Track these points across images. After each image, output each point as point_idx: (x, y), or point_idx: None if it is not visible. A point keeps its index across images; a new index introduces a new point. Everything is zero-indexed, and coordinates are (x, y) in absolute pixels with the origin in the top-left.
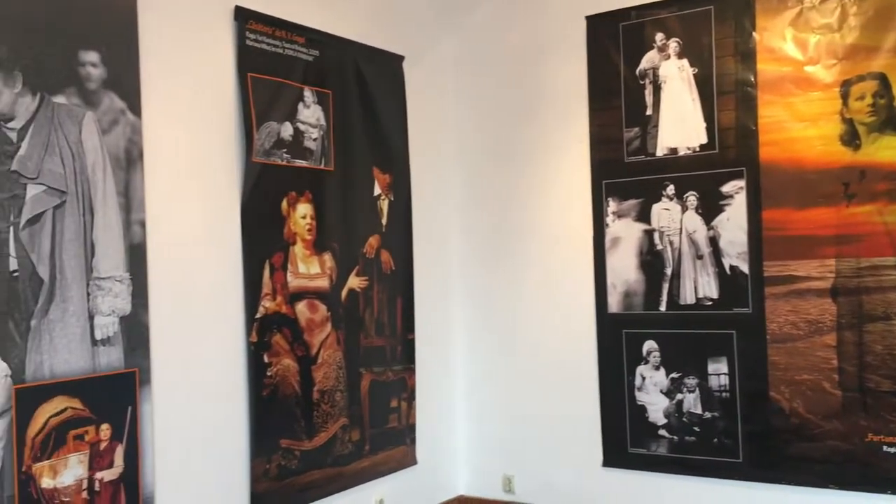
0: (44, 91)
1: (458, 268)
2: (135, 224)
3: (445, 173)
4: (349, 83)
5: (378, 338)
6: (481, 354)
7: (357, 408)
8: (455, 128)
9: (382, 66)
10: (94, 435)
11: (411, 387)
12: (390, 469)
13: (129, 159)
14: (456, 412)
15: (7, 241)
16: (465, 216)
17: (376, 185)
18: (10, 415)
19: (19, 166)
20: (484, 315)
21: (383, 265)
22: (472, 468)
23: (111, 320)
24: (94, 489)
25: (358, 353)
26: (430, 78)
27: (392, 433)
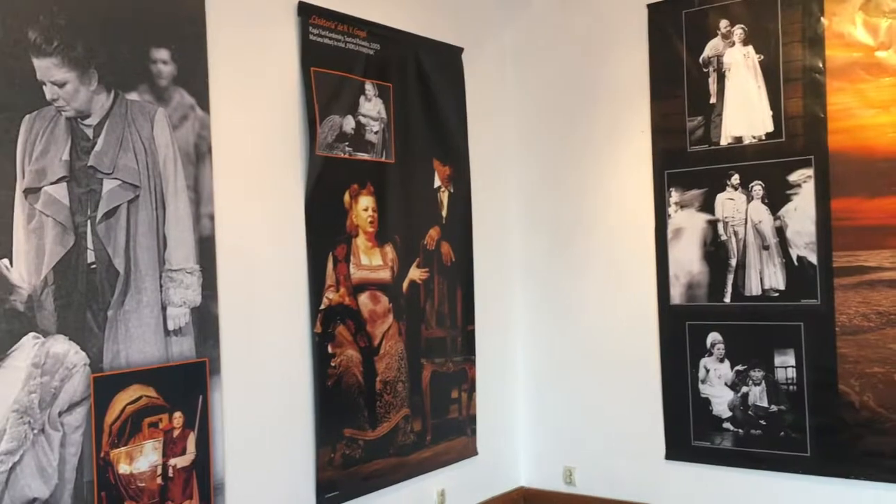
0: (118, 88)
1: (518, 259)
2: (204, 217)
3: (505, 165)
4: (409, 76)
5: (439, 329)
6: (542, 346)
7: (419, 398)
8: (514, 119)
9: (442, 58)
10: (168, 423)
11: (472, 378)
12: (451, 460)
13: (198, 154)
14: (516, 404)
15: (85, 235)
16: (525, 207)
17: (436, 177)
18: (88, 402)
19: (96, 161)
20: (544, 307)
21: (443, 257)
22: (532, 460)
23: (183, 311)
24: (168, 475)
25: (419, 344)
26: (490, 69)
27: (453, 424)
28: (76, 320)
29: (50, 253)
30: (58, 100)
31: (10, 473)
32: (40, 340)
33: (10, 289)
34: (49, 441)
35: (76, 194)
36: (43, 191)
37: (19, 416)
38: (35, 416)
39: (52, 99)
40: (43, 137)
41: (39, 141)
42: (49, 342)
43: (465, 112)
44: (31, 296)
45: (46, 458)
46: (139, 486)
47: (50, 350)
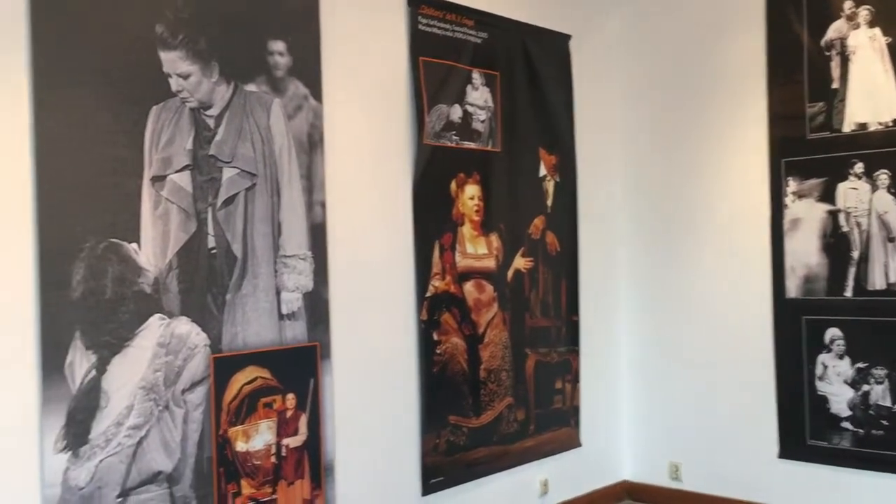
0: (237, 80)
1: (624, 249)
2: (316, 205)
3: (613, 154)
4: (516, 64)
5: (543, 319)
6: (648, 338)
7: (522, 388)
8: (623, 107)
9: (549, 46)
10: (281, 403)
11: (575, 369)
12: (554, 450)
13: (311, 143)
14: (621, 396)
15: (206, 221)
16: (633, 197)
17: (542, 166)
18: (208, 382)
19: (216, 151)
20: (651, 298)
21: (548, 246)
22: (637, 453)
23: (296, 296)
24: (282, 454)
25: (523, 333)
26: (598, 57)
27: (556, 414)
28: (198, 303)
29: (174, 238)
30: (182, 91)
31: (137, 447)
32: (165, 321)
33: (139, 272)
34: (173, 417)
35: (198, 182)
36: (168, 179)
37: (146, 392)
38: (160, 393)
39: (177, 90)
40: (168, 128)
41: (165, 131)
42: (173, 323)
43: (572, 100)
44: (157, 279)
45: (170, 433)
46: (254, 464)
47: (174, 331)
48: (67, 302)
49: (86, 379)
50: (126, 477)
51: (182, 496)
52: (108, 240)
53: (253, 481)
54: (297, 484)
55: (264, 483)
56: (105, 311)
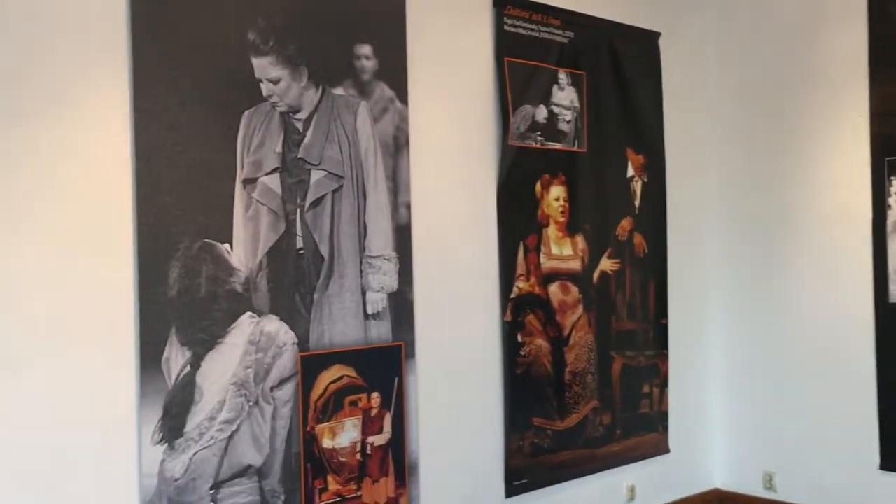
0: (325, 83)
1: (715, 251)
2: (401, 206)
3: (703, 154)
4: (603, 63)
5: (630, 321)
6: (740, 343)
7: (608, 391)
8: (714, 105)
9: (637, 44)
10: (366, 402)
11: (664, 373)
12: (641, 455)
13: (396, 145)
14: (711, 401)
15: (295, 222)
16: (724, 198)
17: (629, 167)
18: (296, 379)
19: (305, 153)
20: (744, 301)
21: (636, 248)
22: (728, 461)
23: (380, 296)
24: (367, 452)
25: (609, 336)
26: (688, 54)
27: (644, 419)
28: (286, 302)
29: (264, 239)
30: (272, 96)
31: (228, 441)
32: (255, 319)
33: (231, 271)
34: (262, 413)
35: (287, 184)
36: (259, 181)
37: (237, 388)
38: (250, 389)
39: (267, 95)
40: (259, 131)
41: (256, 135)
42: (263, 321)
43: (661, 99)
44: (247, 278)
45: (260, 428)
46: (340, 461)
47: (264, 329)
48: (164, 300)
49: (181, 374)
50: (218, 470)
51: (271, 490)
52: (202, 240)
53: (339, 478)
54: (381, 482)
55: (350, 480)
56: (199, 309)
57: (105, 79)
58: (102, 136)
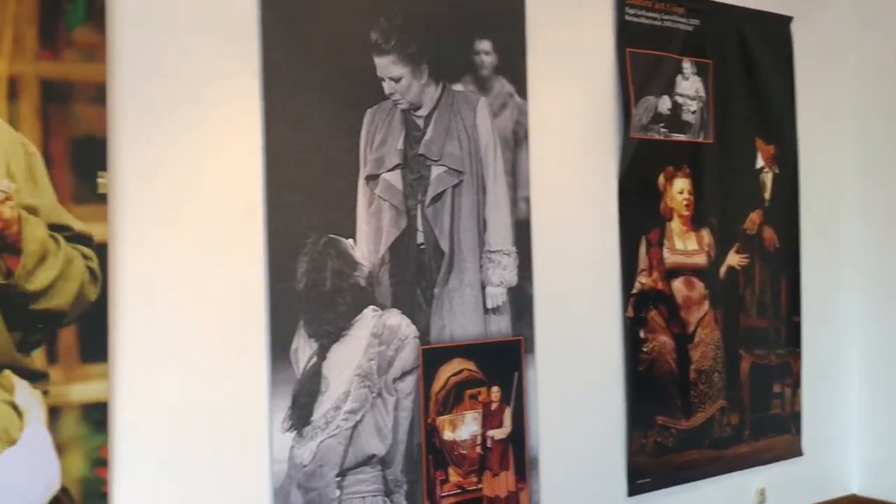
0: (445, 80)
1: (853, 247)
2: (520, 201)
3: (840, 142)
4: (730, 51)
5: (759, 319)
6: (881, 341)
7: (736, 390)
8: (854, 91)
9: (768, 29)
10: (486, 396)
11: (796, 372)
12: (772, 458)
13: (515, 140)
14: (849, 404)
15: (416, 217)
16: (864, 190)
17: (759, 158)
18: (417, 372)
19: (425, 150)
20: (887, 299)
21: (766, 242)
22: (867, 466)
23: (500, 291)
24: (487, 445)
25: (737, 333)
26: (823, 38)
27: (774, 420)
28: (408, 296)
29: (386, 234)
30: (394, 94)
31: (353, 430)
32: (378, 313)
33: (355, 266)
34: (385, 404)
35: (408, 180)
36: (381, 177)
37: (361, 379)
38: (374, 380)
39: (389, 93)
40: (381, 129)
41: (378, 132)
42: (385, 315)
43: (794, 87)
44: (370, 272)
45: (383, 419)
46: (461, 453)
47: (386, 322)
48: (293, 293)
49: (308, 364)
50: (344, 458)
51: (394, 479)
52: (327, 235)
53: (459, 470)
54: (502, 475)
55: (470, 472)
56: (325, 302)
57: (237, 81)
58: (235, 137)
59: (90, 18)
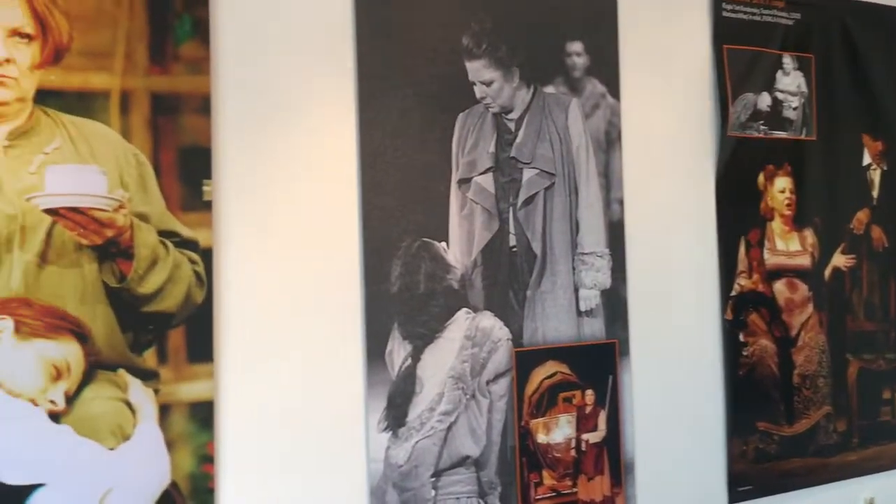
0: (536, 83)
1: None
2: (613, 202)
3: None
4: (834, 44)
5: (868, 322)
6: None
7: (843, 396)
8: None
9: (874, 21)
10: (580, 399)
11: None
12: (883, 466)
13: (608, 141)
14: None
15: (507, 220)
16: None
17: (866, 154)
18: (511, 374)
19: (517, 153)
20: None
21: (874, 242)
22: None
23: (593, 293)
24: (581, 449)
25: (843, 337)
26: None
27: (885, 427)
28: (500, 299)
29: (478, 237)
30: (485, 98)
31: (447, 432)
32: (471, 315)
33: (448, 269)
34: (478, 406)
35: (500, 183)
36: (473, 181)
37: (454, 381)
38: (467, 382)
39: (480, 97)
40: (473, 133)
41: (470, 136)
42: (478, 317)
43: None
44: (463, 275)
45: (476, 421)
46: (555, 456)
47: (479, 324)
48: (387, 296)
49: (403, 366)
50: (438, 459)
51: (488, 481)
52: (421, 239)
53: (554, 473)
54: (596, 479)
55: (565, 476)
56: (418, 305)
57: (332, 89)
58: (331, 143)
59: (196, 34)
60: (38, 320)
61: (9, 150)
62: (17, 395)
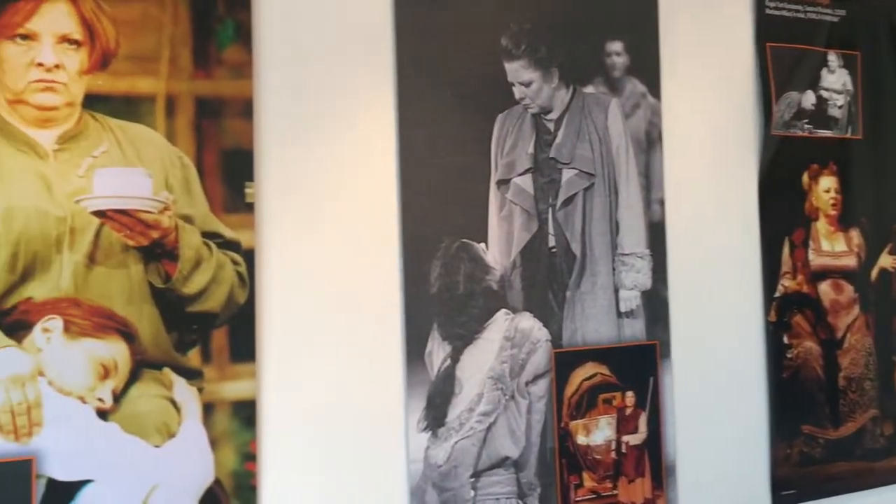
0: (575, 83)
1: None
2: (654, 203)
3: None
4: (882, 41)
5: None
6: None
7: (889, 399)
8: None
9: None
10: (620, 401)
11: None
12: None
13: (648, 141)
14: None
15: (546, 221)
16: None
17: None
18: (550, 375)
19: (556, 153)
20: None
21: None
22: None
23: (633, 294)
24: (622, 451)
25: (890, 339)
26: None
27: None
28: (539, 299)
29: (517, 238)
30: (524, 98)
31: (486, 432)
32: (510, 316)
33: (487, 270)
34: (517, 407)
35: (539, 184)
36: (512, 182)
37: (494, 382)
38: (506, 383)
39: (519, 98)
40: (512, 134)
41: (509, 137)
42: (517, 318)
43: None
44: (502, 276)
45: (515, 422)
46: (595, 458)
47: (518, 325)
48: (426, 297)
49: (442, 367)
50: (478, 459)
51: (527, 482)
52: (460, 240)
53: (594, 475)
54: (637, 482)
55: (605, 478)
56: (458, 306)
57: (372, 91)
58: (370, 145)
59: (239, 38)
60: (87, 320)
61: (58, 154)
62: (67, 393)
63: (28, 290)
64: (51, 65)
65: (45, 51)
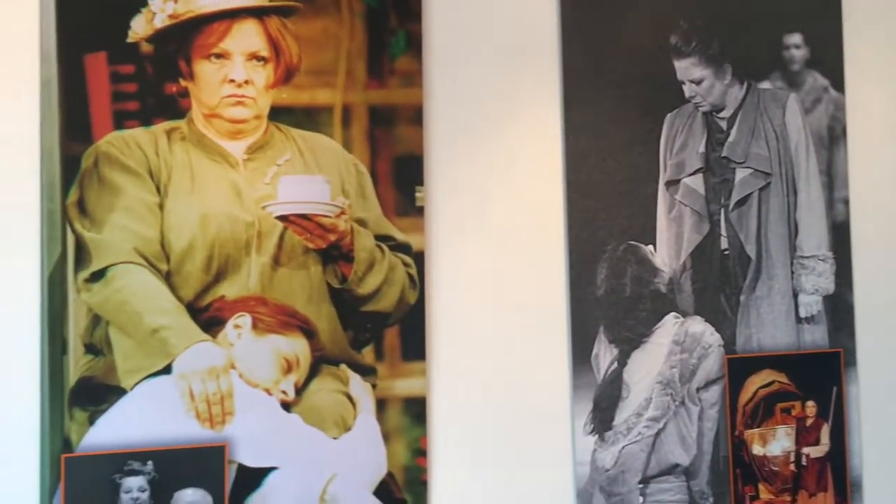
0: (749, 79)
1: None
2: (837, 202)
3: None
4: None
5: None
6: None
7: None
8: None
9: None
10: (800, 410)
11: None
12: None
13: (831, 137)
14: None
15: (719, 222)
16: None
17: None
18: (722, 382)
19: (729, 152)
20: None
21: None
22: None
23: (814, 299)
24: (802, 463)
25: None
26: None
27: None
28: (710, 303)
29: (687, 240)
30: (695, 97)
31: (655, 438)
32: (679, 320)
33: (655, 272)
34: (688, 413)
35: (710, 184)
36: (682, 182)
37: (662, 387)
38: (676, 388)
39: (689, 96)
40: (682, 133)
41: (679, 137)
42: (687, 322)
43: None
44: (671, 279)
45: (686, 428)
46: (772, 470)
47: (688, 329)
48: (593, 299)
49: (609, 370)
50: (646, 465)
51: (699, 491)
52: (626, 242)
53: (771, 487)
54: (819, 496)
55: (783, 490)
56: (624, 309)
57: (537, 95)
58: (536, 148)
59: (409, 48)
60: (272, 317)
61: (248, 163)
62: (255, 385)
63: (221, 289)
64: (241, 80)
65: (236, 68)
